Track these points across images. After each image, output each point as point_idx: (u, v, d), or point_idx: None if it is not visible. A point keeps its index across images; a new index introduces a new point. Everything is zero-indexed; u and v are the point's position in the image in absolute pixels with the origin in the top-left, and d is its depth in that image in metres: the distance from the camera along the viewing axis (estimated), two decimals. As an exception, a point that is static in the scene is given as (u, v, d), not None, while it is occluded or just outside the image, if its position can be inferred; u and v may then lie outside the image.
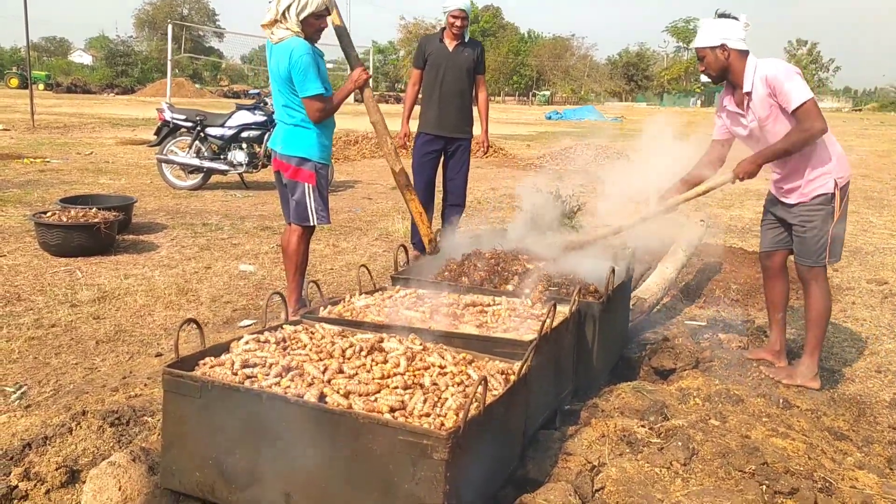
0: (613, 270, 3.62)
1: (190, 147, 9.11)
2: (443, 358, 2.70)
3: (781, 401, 3.27)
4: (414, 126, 6.15)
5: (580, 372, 3.48)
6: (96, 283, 5.18)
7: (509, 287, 3.58)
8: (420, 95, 6.07)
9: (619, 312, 4.01)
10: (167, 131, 9.21)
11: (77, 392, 3.50)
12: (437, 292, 3.62)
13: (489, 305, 3.35)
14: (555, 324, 3.05)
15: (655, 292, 4.89)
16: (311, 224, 4.34)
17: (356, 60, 4.34)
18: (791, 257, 3.75)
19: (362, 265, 3.77)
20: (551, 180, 11.34)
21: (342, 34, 4.29)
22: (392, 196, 9.53)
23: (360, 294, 3.59)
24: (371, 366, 2.61)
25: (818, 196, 3.52)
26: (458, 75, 5.91)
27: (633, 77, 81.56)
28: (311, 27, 4.12)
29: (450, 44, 5.89)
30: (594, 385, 3.56)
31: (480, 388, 2.28)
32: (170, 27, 20.70)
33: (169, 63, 20.93)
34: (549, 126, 28.38)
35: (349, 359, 2.66)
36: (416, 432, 2.16)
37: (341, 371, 2.54)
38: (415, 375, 2.53)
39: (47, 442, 2.94)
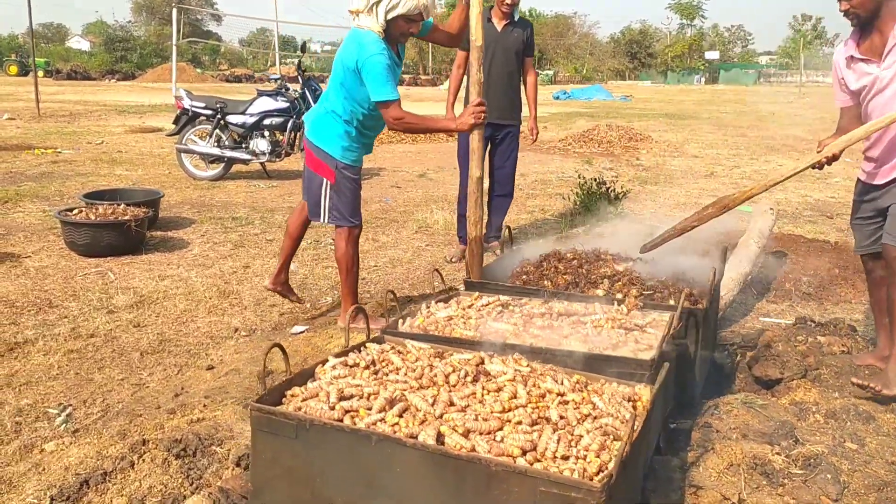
0: (715, 271, 3.31)
1: (210, 136, 8.75)
2: (557, 382, 2.39)
3: (914, 416, 2.95)
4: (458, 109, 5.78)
5: (680, 385, 3.17)
6: (131, 286, 4.86)
7: (599, 292, 3.26)
8: (465, 78, 5.71)
9: (713, 315, 3.69)
10: (186, 119, 8.85)
11: (129, 414, 3.18)
12: (519, 299, 3.30)
13: (586, 315, 3.02)
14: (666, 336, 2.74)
15: (731, 288, 4.56)
16: (321, 221, 4.00)
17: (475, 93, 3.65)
18: None
19: (435, 269, 3.44)
20: (582, 164, 11.03)
21: None
22: (420, 184, 9.18)
23: (436, 301, 3.27)
24: (482, 395, 2.29)
25: None
26: (506, 57, 5.55)
27: (637, 55, 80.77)
28: (399, 30, 3.71)
29: (498, 23, 5.53)
30: (695, 399, 3.25)
31: (627, 427, 1.97)
32: (174, 11, 20.27)
33: (174, 48, 20.52)
34: (559, 106, 27.88)
35: (455, 386, 2.34)
36: (563, 483, 1.84)
37: (452, 403, 2.22)
38: (538, 408, 2.21)
39: (107, 478, 2.63)
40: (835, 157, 3.21)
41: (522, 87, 5.75)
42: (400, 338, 2.80)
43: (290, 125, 8.77)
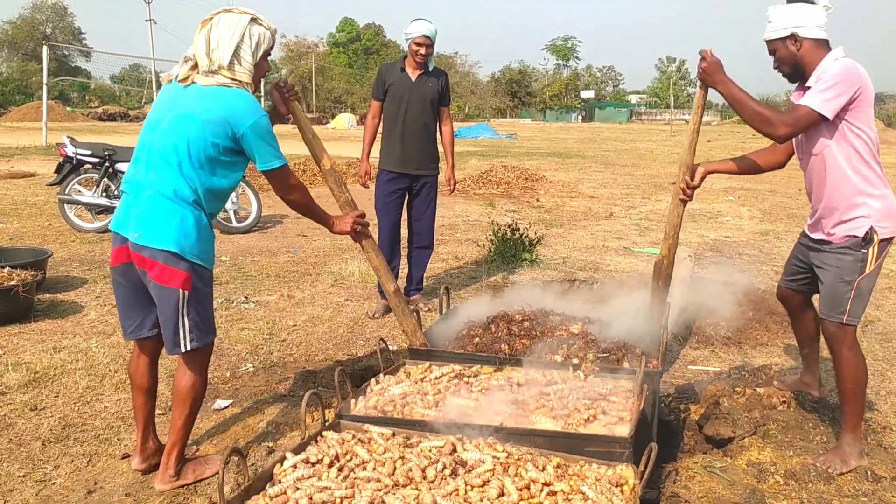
0: (666, 329, 3.28)
1: (98, 185, 8.16)
2: (539, 469, 2.24)
3: (868, 473, 2.99)
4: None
5: (638, 450, 3.09)
6: (22, 360, 4.35)
7: (558, 358, 3.15)
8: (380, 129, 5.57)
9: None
10: (69, 168, 8.23)
11: (37, 521, 2.78)
12: (470, 366, 3.14)
13: (548, 385, 2.90)
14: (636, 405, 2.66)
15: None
16: (183, 350, 2.91)
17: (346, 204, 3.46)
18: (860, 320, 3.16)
19: (381, 339, 3.23)
20: (485, 207, 11.07)
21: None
22: (327, 231, 8.90)
23: (385, 374, 3.06)
24: (466, 491, 2.11)
25: (847, 237, 2.99)
26: (422, 107, 5.44)
27: (517, 93, 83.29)
28: (261, 73, 2.99)
29: (412, 73, 5.42)
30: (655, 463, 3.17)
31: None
32: (45, 49, 19.10)
33: (45, 87, 19.29)
34: (449, 145, 28.14)
35: (434, 482, 2.15)
36: None
37: (437, 504, 2.02)
38: (531, 504, 2.05)
39: None
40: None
41: (439, 136, 5.66)
42: (358, 422, 2.58)
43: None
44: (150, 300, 2.92)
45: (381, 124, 5.57)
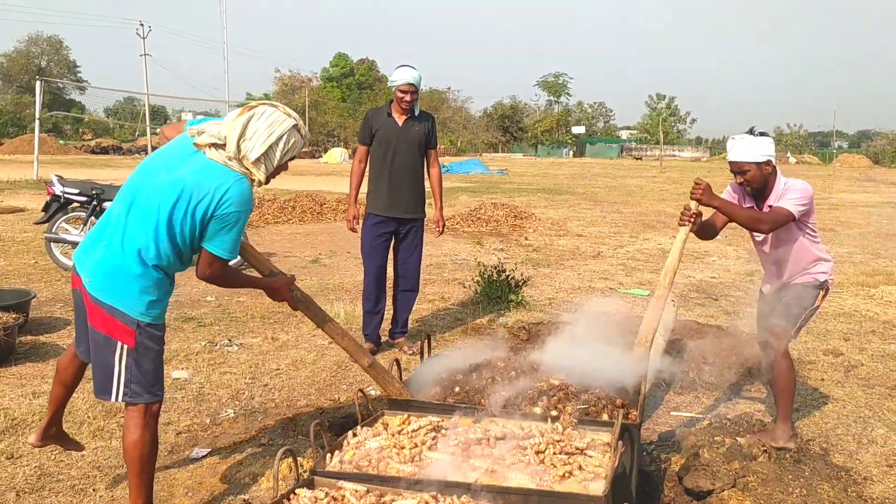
0: (644, 381, 3.29)
1: (85, 224, 8.16)
2: (514, 529, 2.22)
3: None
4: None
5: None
6: (1, 406, 4.32)
7: (537, 410, 3.14)
8: (367, 173, 5.61)
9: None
10: (57, 206, 8.24)
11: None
12: (449, 417, 3.13)
13: (525, 439, 2.89)
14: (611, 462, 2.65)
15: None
16: (113, 400, 2.88)
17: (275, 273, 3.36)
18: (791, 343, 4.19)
19: (360, 390, 3.22)
20: (473, 245, 11.11)
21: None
22: (314, 270, 8.92)
23: (362, 426, 3.05)
24: (440, 555, 2.09)
25: (812, 279, 3.98)
26: (408, 152, 5.50)
27: (509, 129, 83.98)
28: (279, 171, 3.00)
29: (398, 118, 5.48)
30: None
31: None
32: (38, 84, 19.22)
33: (37, 122, 19.36)
34: (440, 181, 28.27)
35: (406, 544, 2.13)
36: None
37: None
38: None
39: None
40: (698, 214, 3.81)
41: (427, 178, 5.70)
42: (332, 479, 2.56)
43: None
44: None
45: (367, 168, 5.61)
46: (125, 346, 2.80)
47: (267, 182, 2.98)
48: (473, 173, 34.07)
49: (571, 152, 78.96)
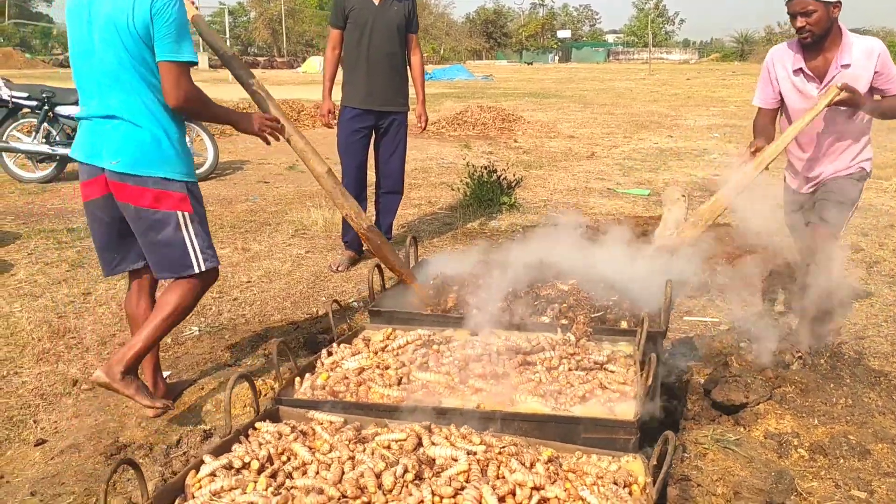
0: (670, 283, 2.81)
1: (37, 131, 7.48)
2: (527, 467, 1.76)
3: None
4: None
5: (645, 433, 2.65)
6: (-66, 328, 3.82)
7: (545, 319, 2.67)
8: (342, 61, 4.96)
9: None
10: (6, 113, 7.51)
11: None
12: (442, 330, 2.66)
13: (532, 352, 2.42)
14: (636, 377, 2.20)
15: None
16: (196, 271, 2.76)
17: (262, 100, 2.99)
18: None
19: (334, 300, 2.72)
20: (460, 149, 10.49)
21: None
22: (291, 177, 8.31)
23: (338, 343, 2.56)
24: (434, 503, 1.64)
25: (861, 169, 3.48)
26: (387, 35, 4.84)
27: (492, 34, 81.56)
28: None
29: (375, -4, 4.80)
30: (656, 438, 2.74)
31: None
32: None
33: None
34: (423, 87, 27.27)
35: (391, 492, 1.67)
36: None
37: (395, 525, 1.55)
38: (518, 520, 1.58)
39: None
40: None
41: (408, 69, 5.07)
42: (301, 408, 2.09)
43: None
44: (131, 230, 2.76)
45: (342, 55, 4.96)
46: (185, 214, 2.72)
47: None
48: (457, 79, 32.97)
49: (557, 57, 76.92)
